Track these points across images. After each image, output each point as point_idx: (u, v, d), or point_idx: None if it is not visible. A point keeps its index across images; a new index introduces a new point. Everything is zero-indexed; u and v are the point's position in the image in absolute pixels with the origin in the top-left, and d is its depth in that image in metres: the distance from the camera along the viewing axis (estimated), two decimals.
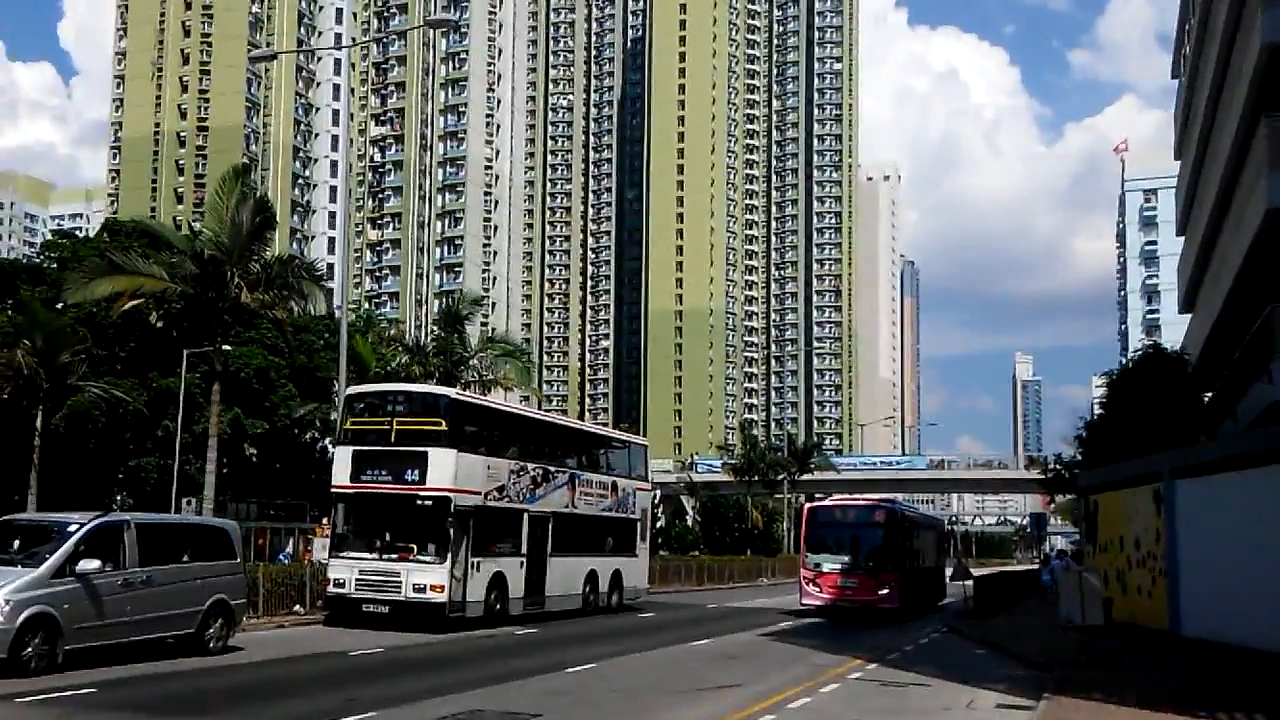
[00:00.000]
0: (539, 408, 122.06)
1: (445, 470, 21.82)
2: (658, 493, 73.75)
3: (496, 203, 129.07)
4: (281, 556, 46.89)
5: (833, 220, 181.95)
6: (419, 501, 21.84)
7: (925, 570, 34.86)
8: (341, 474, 22.70)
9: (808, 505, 33.57)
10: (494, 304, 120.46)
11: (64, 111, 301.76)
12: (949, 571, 38.09)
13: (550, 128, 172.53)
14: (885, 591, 29.28)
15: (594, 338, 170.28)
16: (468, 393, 27.15)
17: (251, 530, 53.38)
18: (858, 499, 36.17)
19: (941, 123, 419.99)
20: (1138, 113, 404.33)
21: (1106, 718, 13.14)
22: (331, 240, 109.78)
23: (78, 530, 14.92)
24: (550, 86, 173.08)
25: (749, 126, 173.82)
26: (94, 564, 14.72)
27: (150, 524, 16.46)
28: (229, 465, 54.19)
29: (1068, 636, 19.16)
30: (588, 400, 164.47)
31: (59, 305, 45.18)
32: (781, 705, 13.81)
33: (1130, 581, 26.41)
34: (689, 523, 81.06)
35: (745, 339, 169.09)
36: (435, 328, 35.51)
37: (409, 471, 21.99)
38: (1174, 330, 39.03)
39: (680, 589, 42.70)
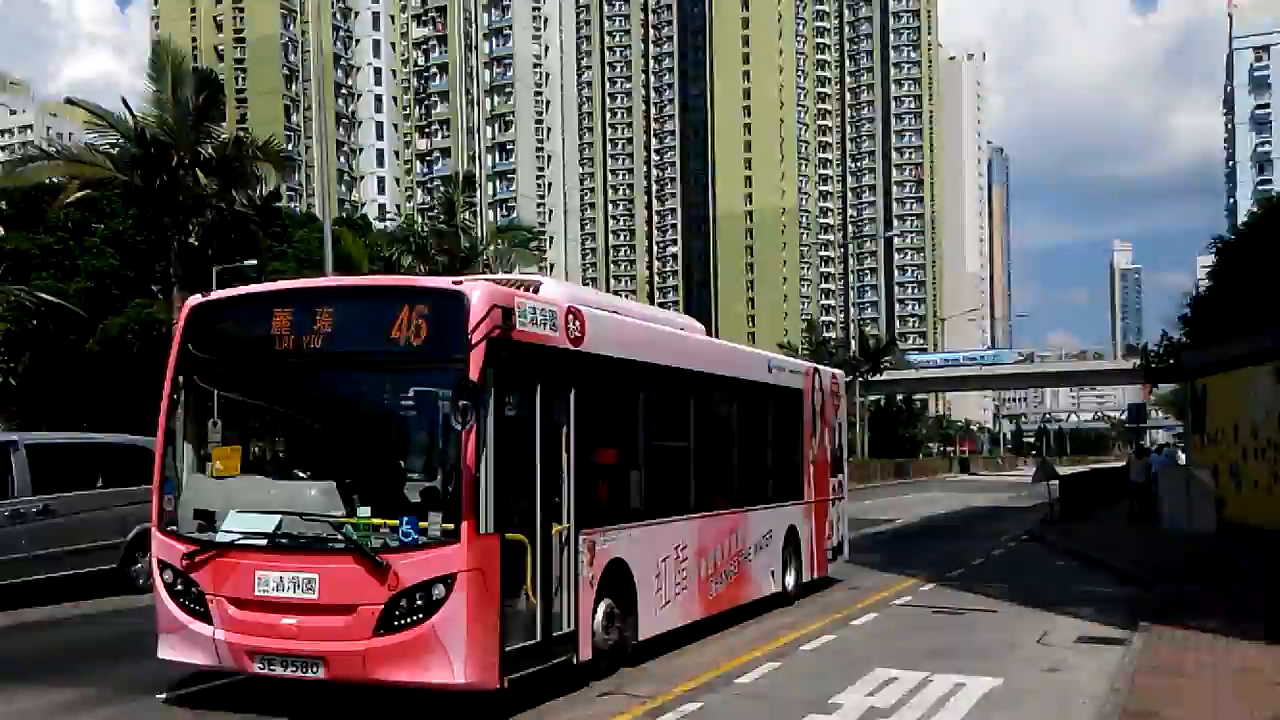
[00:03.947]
0: None
1: None
2: None
3: (548, 103, 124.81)
4: None
5: (912, 105, 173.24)
6: None
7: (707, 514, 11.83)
8: None
9: (189, 305, 8.65)
10: (550, 211, 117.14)
11: (122, 42, 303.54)
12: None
13: (606, 22, 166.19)
14: (417, 628, 7.46)
15: (661, 244, 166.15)
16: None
17: None
18: (351, 281, 11.36)
19: None
20: None
21: (1224, 657, 9.87)
22: (380, 153, 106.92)
23: None
24: None
25: (819, 7, 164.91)
26: None
27: (47, 445, 14.02)
28: None
29: (1167, 543, 15.84)
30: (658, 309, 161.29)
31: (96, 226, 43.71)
32: (794, 646, 10.86)
33: (1246, 476, 22.68)
34: None
35: (820, 237, 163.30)
36: (434, 220, 32.22)
37: None
38: None
39: None
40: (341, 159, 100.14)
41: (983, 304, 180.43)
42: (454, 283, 8.00)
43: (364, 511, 7.72)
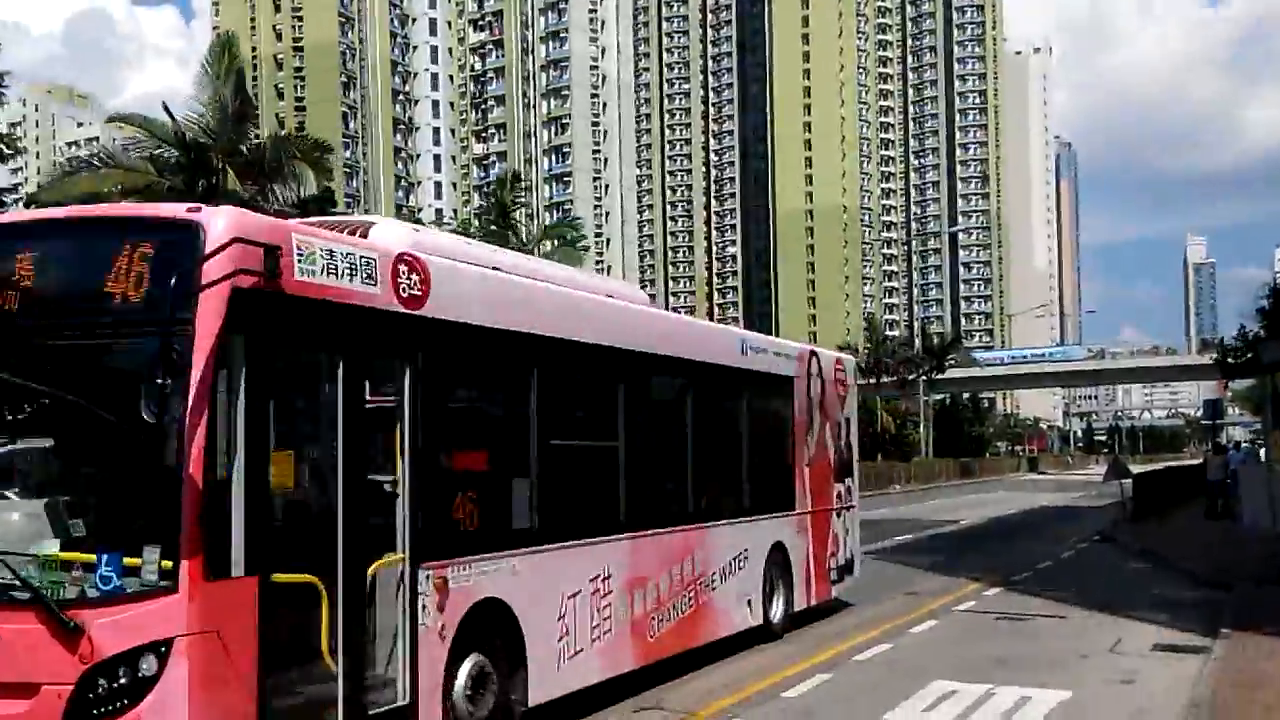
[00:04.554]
0: None
1: None
2: None
3: (605, 105, 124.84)
4: None
5: (977, 100, 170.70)
6: None
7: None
8: None
9: None
10: (607, 213, 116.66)
11: (187, 55, 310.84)
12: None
13: (665, 23, 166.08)
14: None
15: (720, 244, 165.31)
16: None
17: None
18: (57, 214, 6.72)
19: None
20: None
21: None
22: (437, 158, 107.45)
23: None
24: None
25: (880, 3, 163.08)
26: None
27: None
28: None
29: (1248, 543, 14.96)
30: (716, 310, 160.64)
31: None
32: (845, 658, 10.30)
33: None
34: None
35: (883, 235, 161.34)
36: (485, 221, 31.83)
37: None
38: None
39: None
40: (399, 165, 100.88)
41: (1051, 300, 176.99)
42: (189, 209, 5.60)
43: (51, 546, 5.33)
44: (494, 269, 7.80)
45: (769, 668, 9.86)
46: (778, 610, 11.44)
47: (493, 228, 31.79)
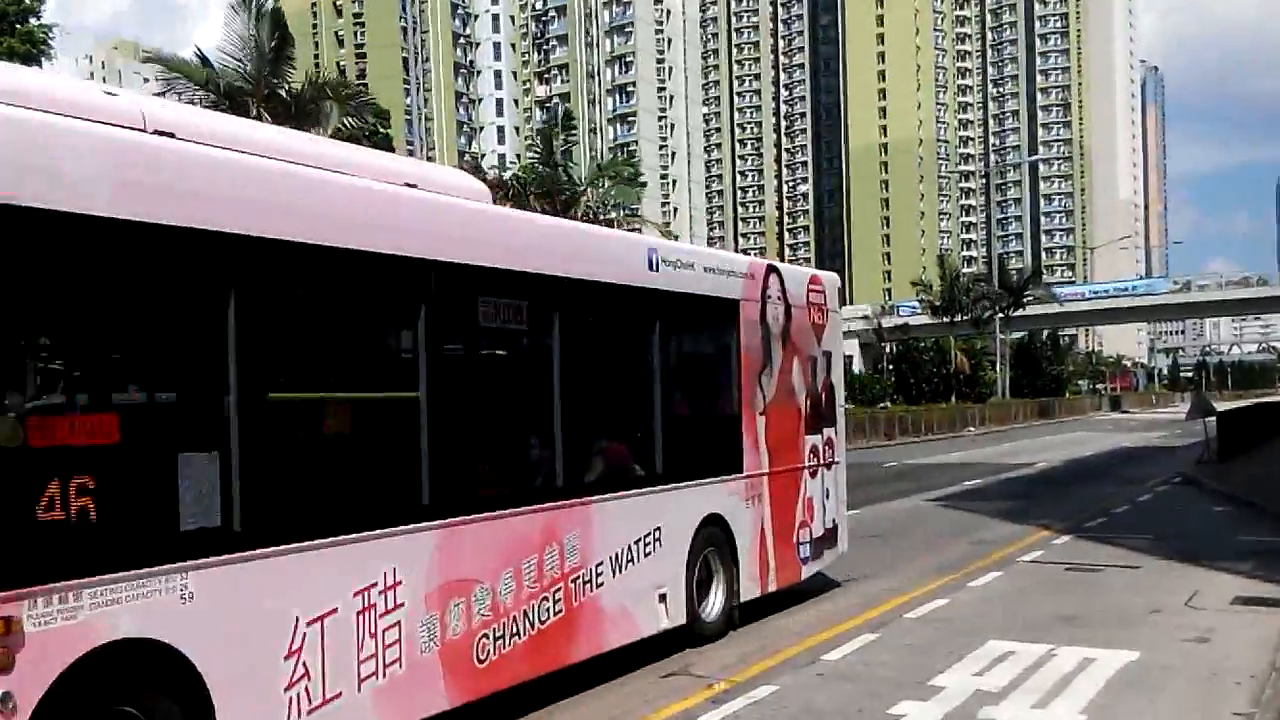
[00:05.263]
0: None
1: None
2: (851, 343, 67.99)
3: (670, 41, 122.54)
4: None
5: (1058, 24, 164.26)
6: None
7: None
8: None
9: None
10: (673, 153, 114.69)
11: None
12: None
13: None
14: None
15: (790, 182, 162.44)
16: None
17: None
18: None
19: None
20: None
21: None
22: (499, 102, 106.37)
23: None
24: None
25: None
26: None
27: None
28: None
29: None
30: (787, 251, 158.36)
31: None
32: (896, 615, 9.72)
33: None
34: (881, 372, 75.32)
35: (960, 168, 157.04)
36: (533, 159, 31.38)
37: None
38: None
39: (864, 445, 38.38)
40: (461, 110, 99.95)
41: (1136, 232, 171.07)
42: None
43: None
44: (163, 134, 5.06)
45: (810, 628, 9.34)
46: (714, 604, 8.93)
47: (543, 168, 31.07)
